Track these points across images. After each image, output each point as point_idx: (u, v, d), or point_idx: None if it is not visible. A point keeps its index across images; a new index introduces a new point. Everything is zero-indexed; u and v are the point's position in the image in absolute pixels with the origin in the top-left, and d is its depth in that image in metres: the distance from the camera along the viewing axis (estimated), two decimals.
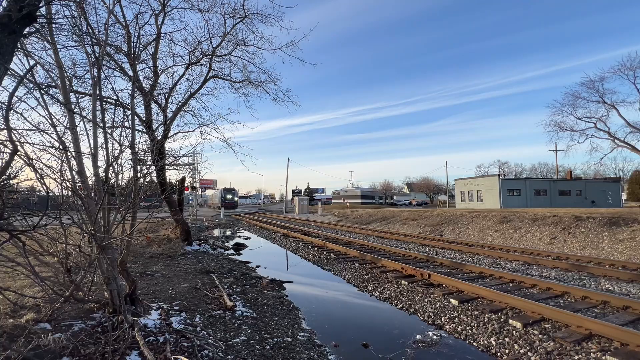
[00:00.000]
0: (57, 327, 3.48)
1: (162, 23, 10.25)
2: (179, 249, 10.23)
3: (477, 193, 36.61)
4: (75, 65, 8.75)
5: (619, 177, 51.84)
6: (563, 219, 14.78)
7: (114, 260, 3.81)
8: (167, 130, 10.95)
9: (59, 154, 3.62)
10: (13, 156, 2.91)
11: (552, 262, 9.08)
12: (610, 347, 3.95)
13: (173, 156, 11.30)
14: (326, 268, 9.27)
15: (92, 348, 3.04)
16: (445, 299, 5.85)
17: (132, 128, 4.57)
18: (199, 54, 11.32)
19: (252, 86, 12.20)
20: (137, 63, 8.86)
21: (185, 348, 3.38)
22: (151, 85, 10.69)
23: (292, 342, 4.17)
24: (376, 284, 7.20)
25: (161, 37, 10.47)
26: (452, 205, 44.88)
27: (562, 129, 27.06)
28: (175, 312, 4.55)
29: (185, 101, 11.47)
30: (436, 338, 4.58)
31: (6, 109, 2.93)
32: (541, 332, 4.38)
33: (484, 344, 4.30)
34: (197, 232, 17.93)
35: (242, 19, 10.69)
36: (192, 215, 25.72)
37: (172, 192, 11.30)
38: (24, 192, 4.23)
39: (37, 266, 3.59)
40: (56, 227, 3.52)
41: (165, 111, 11.29)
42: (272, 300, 6.04)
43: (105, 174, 3.96)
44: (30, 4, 2.81)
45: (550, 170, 65.41)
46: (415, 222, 22.33)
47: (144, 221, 5.24)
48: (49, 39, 3.91)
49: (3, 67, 2.75)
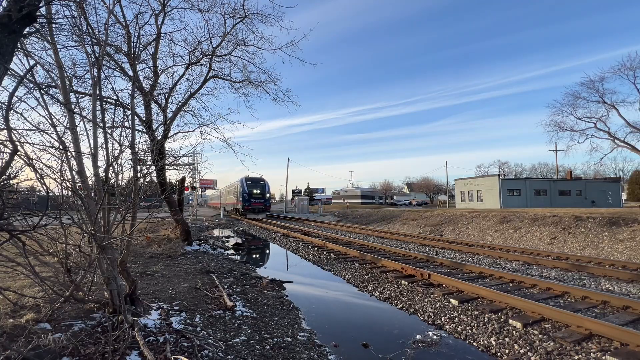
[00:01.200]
0: (57, 327, 3.48)
1: (162, 23, 10.27)
2: (179, 249, 10.23)
3: (477, 193, 36.60)
4: (75, 65, 8.75)
5: (619, 177, 51.85)
6: (563, 219, 14.78)
7: (114, 260, 3.81)
8: (167, 130, 10.96)
9: (59, 154, 3.62)
10: (13, 156, 2.91)
11: (552, 262, 9.08)
12: (611, 347, 3.95)
13: (173, 156, 11.31)
14: (326, 268, 9.27)
15: (92, 348, 3.04)
16: (445, 299, 5.85)
17: (132, 128, 4.57)
18: (199, 54, 11.34)
19: (252, 86, 12.23)
20: (137, 63, 8.86)
21: (185, 348, 3.38)
22: (151, 85, 10.69)
23: (292, 342, 4.17)
24: (376, 284, 7.19)
25: (161, 37, 10.48)
26: (452, 205, 44.88)
27: (562, 129, 27.07)
28: (175, 312, 4.55)
29: (185, 101, 11.48)
30: (436, 338, 4.58)
31: (6, 109, 2.93)
32: (541, 332, 4.38)
33: (484, 344, 4.30)
34: (197, 232, 17.93)
35: (242, 19, 10.70)
36: (192, 215, 25.72)
37: (172, 192, 11.30)
38: (24, 192, 4.23)
39: (37, 266, 3.58)
40: (56, 227, 3.52)
41: (165, 111, 11.29)
42: (272, 300, 6.04)
43: (105, 174, 3.96)
44: (30, 4, 2.81)
45: (550, 170, 65.44)
46: (415, 222, 22.34)
47: (144, 221, 5.25)
48: (49, 39, 3.91)
49: (3, 67, 2.75)
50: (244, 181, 30.71)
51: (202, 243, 12.95)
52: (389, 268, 8.38)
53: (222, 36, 11.09)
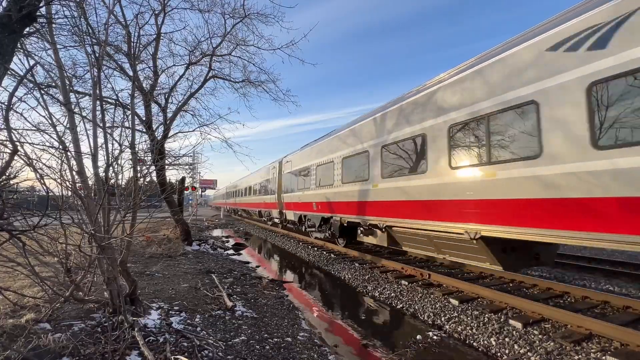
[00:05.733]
0: (57, 327, 3.48)
1: (162, 23, 10.27)
2: (179, 249, 10.23)
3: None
4: (75, 65, 8.77)
5: None
6: None
7: (114, 260, 3.81)
8: (167, 130, 10.96)
9: (59, 154, 3.62)
10: (13, 156, 2.91)
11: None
12: (611, 347, 3.95)
13: (173, 156, 11.34)
14: (326, 268, 9.27)
15: (92, 348, 3.04)
16: (445, 299, 5.85)
17: (132, 128, 4.57)
18: (199, 54, 11.34)
19: (252, 86, 12.23)
20: (137, 63, 8.87)
21: (185, 348, 3.38)
22: (151, 85, 10.70)
23: (292, 342, 4.17)
24: (376, 284, 7.19)
25: (161, 37, 10.49)
26: None
27: None
28: (175, 312, 4.55)
29: (185, 101, 11.48)
30: (436, 338, 4.58)
31: (6, 109, 2.93)
32: (541, 332, 4.38)
33: (484, 344, 4.30)
34: (197, 232, 17.94)
35: (242, 19, 10.70)
36: (192, 215, 25.71)
37: (172, 192, 11.30)
38: (24, 192, 4.23)
39: (37, 266, 3.58)
40: (56, 227, 3.51)
41: (165, 111, 11.30)
42: (272, 300, 6.04)
43: (105, 174, 3.96)
44: (30, 4, 2.81)
45: None
46: None
47: (144, 221, 5.25)
48: (49, 39, 3.91)
49: (3, 67, 2.75)
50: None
51: (202, 243, 12.95)
52: (389, 268, 8.38)
53: (222, 36, 11.10)
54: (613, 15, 3.80)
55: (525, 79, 4.67)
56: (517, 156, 4.72)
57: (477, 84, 5.45)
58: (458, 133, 5.73)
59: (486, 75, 5.32)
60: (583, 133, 3.98)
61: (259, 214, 21.79)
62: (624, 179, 3.60)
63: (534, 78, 4.56)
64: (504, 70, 5.04)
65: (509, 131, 4.88)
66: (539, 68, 4.51)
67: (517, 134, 4.75)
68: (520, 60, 4.81)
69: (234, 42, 11.44)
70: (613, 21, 3.79)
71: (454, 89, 5.92)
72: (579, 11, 4.27)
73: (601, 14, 3.92)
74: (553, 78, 4.32)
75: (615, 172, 3.68)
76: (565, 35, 4.25)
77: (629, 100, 3.63)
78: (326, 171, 10.78)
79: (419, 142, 6.62)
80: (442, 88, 6.17)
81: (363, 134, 8.71)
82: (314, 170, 11.84)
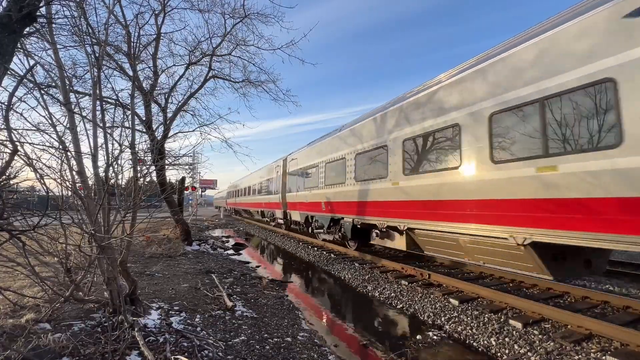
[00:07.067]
0: (57, 327, 3.48)
1: (162, 23, 10.29)
2: (179, 249, 10.24)
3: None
4: (75, 65, 8.78)
5: None
6: None
7: (114, 260, 3.81)
8: (167, 130, 10.97)
9: (59, 154, 3.62)
10: (13, 156, 2.91)
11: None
12: (611, 347, 3.95)
13: (173, 156, 11.34)
14: (326, 268, 9.27)
15: (92, 348, 3.04)
16: (445, 299, 5.85)
17: (132, 128, 4.57)
18: (199, 54, 11.35)
19: (252, 86, 12.25)
20: (137, 63, 8.87)
21: (185, 348, 3.38)
22: (151, 85, 10.71)
23: (292, 342, 4.17)
24: (376, 283, 7.19)
25: (161, 37, 10.50)
26: None
27: None
28: (175, 312, 4.55)
29: (185, 101, 11.49)
30: (436, 338, 4.58)
31: (6, 109, 2.93)
32: (541, 332, 4.38)
33: (484, 344, 4.30)
34: (197, 232, 17.94)
35: (242, 19, 10.71)
36: (192, 215, 25.72)
37: (172, 192, 11.31)
38: (24, 192, 4.23)
39: (37, 266, 3.59)
40: (56, 227, 3.52)
41: (165, 111, 11.31)
42: (272, 300, 6.04)
43: (105, 174, 3.96)
44: (30, 4, 2.81)
45: None
46: None
47: (144, 221, 5.24)
48: (49, 39, 3.91)
49: (3, 67, 2.75)
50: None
51: (202, 243, 12.96)
52: (389, 268, 8.38)
53: (222, 36, 11.12)
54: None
55: (596, 53, 3.82)
56: (589, 146, 3.86)
57: (536, 60, 4.48)
58: (505, 121, 4.86)
59: (549, 48, 4.36)
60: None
61: (261, 214, 21.31)
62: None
63: (609, 51, 3.70)
64: (566, 43, 4.15)
65: (574, 116, 4.02)
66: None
67: (587, 118, 3.89)
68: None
69: (234, 42, 11.46)
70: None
71: (504, 64, 4.94)
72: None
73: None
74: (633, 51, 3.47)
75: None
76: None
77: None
78: (337, 169, 9.99)
79: (450, 133, 5.84)
80: (490, 65, 5.22)
81: (380, 127, 7.99)
82: (322, 167, 11.04)
